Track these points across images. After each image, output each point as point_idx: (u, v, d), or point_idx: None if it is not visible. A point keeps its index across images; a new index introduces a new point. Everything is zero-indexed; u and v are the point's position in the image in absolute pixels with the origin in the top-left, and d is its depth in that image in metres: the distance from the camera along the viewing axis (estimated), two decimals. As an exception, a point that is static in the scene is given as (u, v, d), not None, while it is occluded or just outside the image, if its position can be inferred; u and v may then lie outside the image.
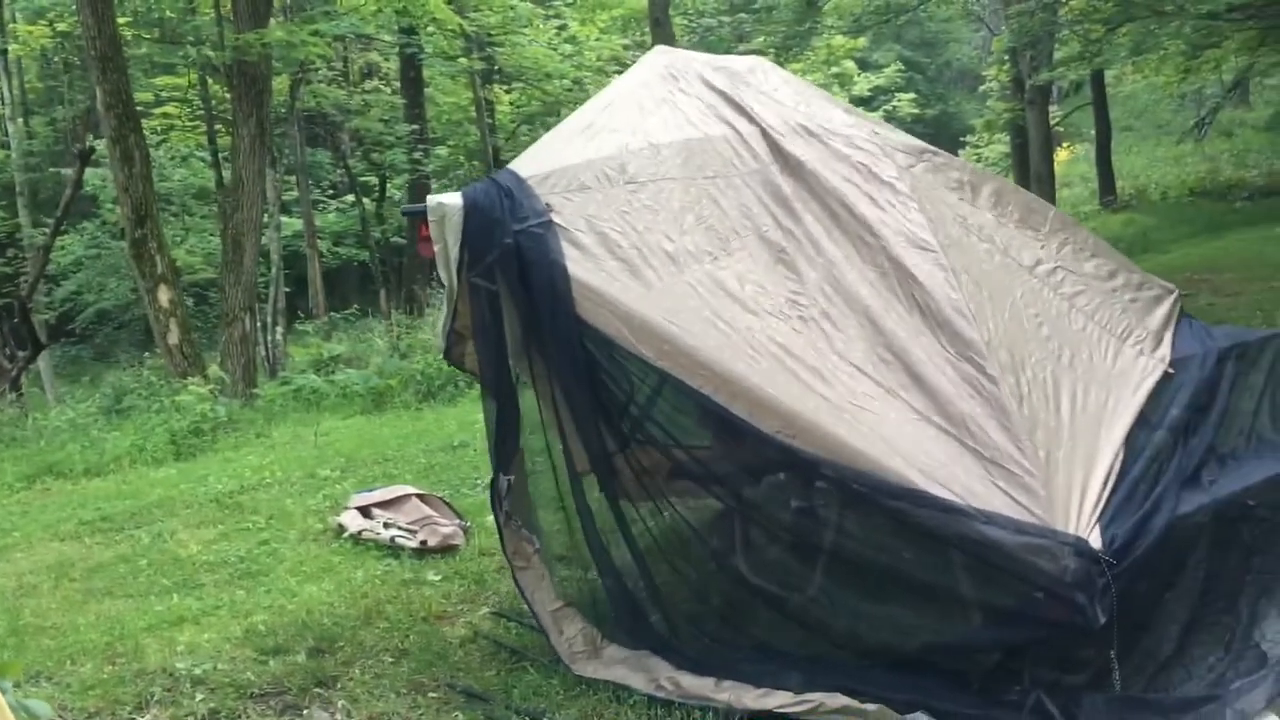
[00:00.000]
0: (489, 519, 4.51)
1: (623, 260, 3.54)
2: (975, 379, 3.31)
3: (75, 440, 9.69)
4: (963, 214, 4.14)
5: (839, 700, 3.28)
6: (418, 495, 5.90)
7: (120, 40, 13.03)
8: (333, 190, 26.29)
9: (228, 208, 14.27)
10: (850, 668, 3.44)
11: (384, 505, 5.82)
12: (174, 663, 4.19)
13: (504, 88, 23.95)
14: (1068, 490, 3.20)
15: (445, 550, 5.32)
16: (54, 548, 6.09)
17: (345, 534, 5.69)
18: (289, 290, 21.14)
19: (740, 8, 26.01)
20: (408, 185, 22.97)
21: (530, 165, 3.79)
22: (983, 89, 26.61)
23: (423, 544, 5.35)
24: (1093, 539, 3.06)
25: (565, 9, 23.70)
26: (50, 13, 20.16)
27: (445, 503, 5.92)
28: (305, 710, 3.82)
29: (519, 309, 3.62)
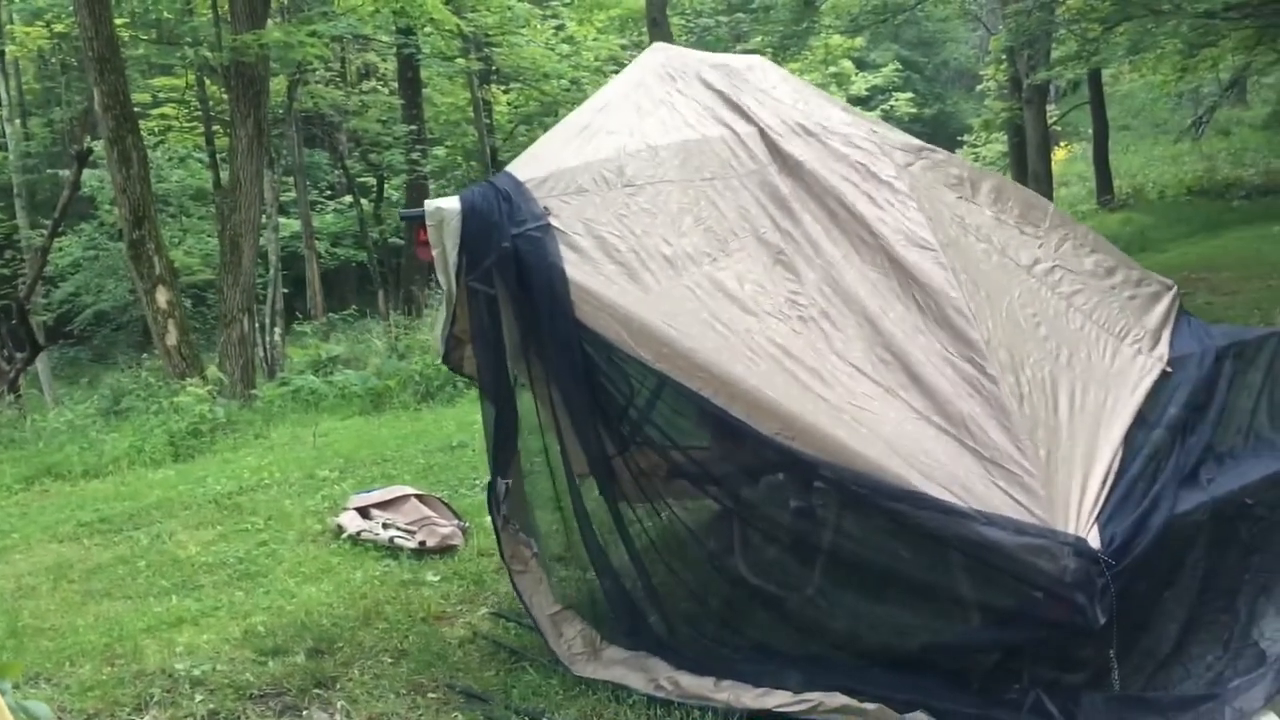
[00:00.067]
0: (488, 519, 4.51)
1: (621, 264, 3.54)
2: (975, 378, 3.31)
3: (74, 442, 9.68)
4: (961, 213, 4.14)
5: (838, 700, 3.28)
6: (416, 496, 5.89)
7: (118, 41, 13.04)
8: (330, 191, 26.30)
9: (225, 209, 14.27)
10: (849, 667, 3.44)
11: (383, 506, 5.82)
12: (173, 664, 4.19)
13: (501, 88, 23.97)
14: (1067, 490, 3.20)
15: (444, 551, 5.32)
16: (52, 549, 6.08)
17: (344, 535, 5.68)
18: (287, 291, 21.13)
19: (738, 7, 26.04)
20: (405, 186, 22.98)
21: (528, 168, 3.78)
22: (980, 88, 26.65)
23: (421, 544, 5.35)
24: (1092, 538, 3.06)
25: (563, 9, 23.70)
26: (47, 14, 20.16)
27: (444, 503, 5.91)
28: (304, 711, 3.82)
29: (517, 313, 3.62)
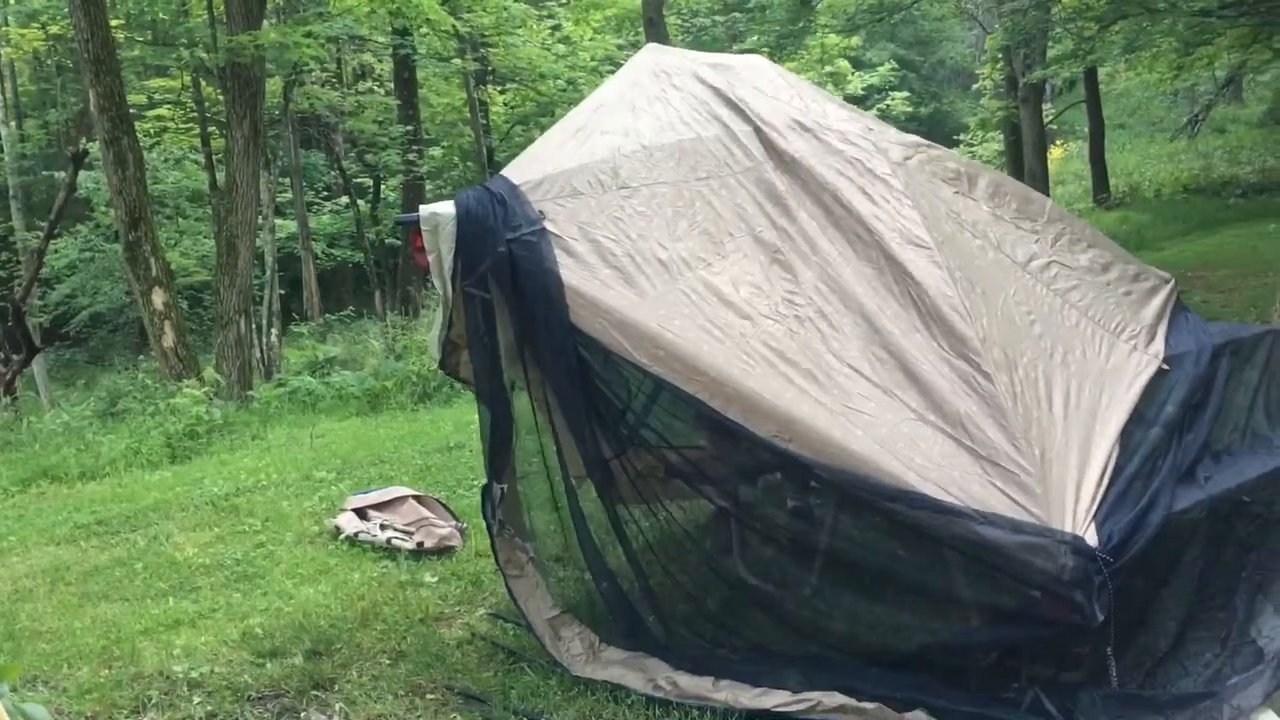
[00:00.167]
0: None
1: (616, 268, 3.54)
2: (971, 376, 3.31)
3: (70, 444, 9.67)
4: (957, 209, 4.13)
5: (837, 699, 3.28)
6: (414, 497, 5.89)
7: (113, 43, 13.02)
8: (327, 192, 26.31)
9: (222, 210, 14.26)
10: (848, 666, 3.44)
11: (380, 507, 5.81)
12: (171, 666, 4.19)
13: (498, 88, 23.94)
14: (1063, 488, 3.20)
15: (442, 552, 5.32)
16: (49, 552, 6.07)
17: (341, 536, 5.68)
18: (284, 292, 21.12)
19: (734, 7, 26.05)
20: (402, 186, 22.99)
21: (523, 171, 3.77)
22: (976, 87, 26.71)
23: (419, 545, 5.34)
24: (1089, 536, 3.06)
25: (559, 9, 23.67)
26: (43, 15, 20.15)
27: (441, 504, 5.91)
28: (302, 713, 3.81)
29: (513, 317, 3.61)
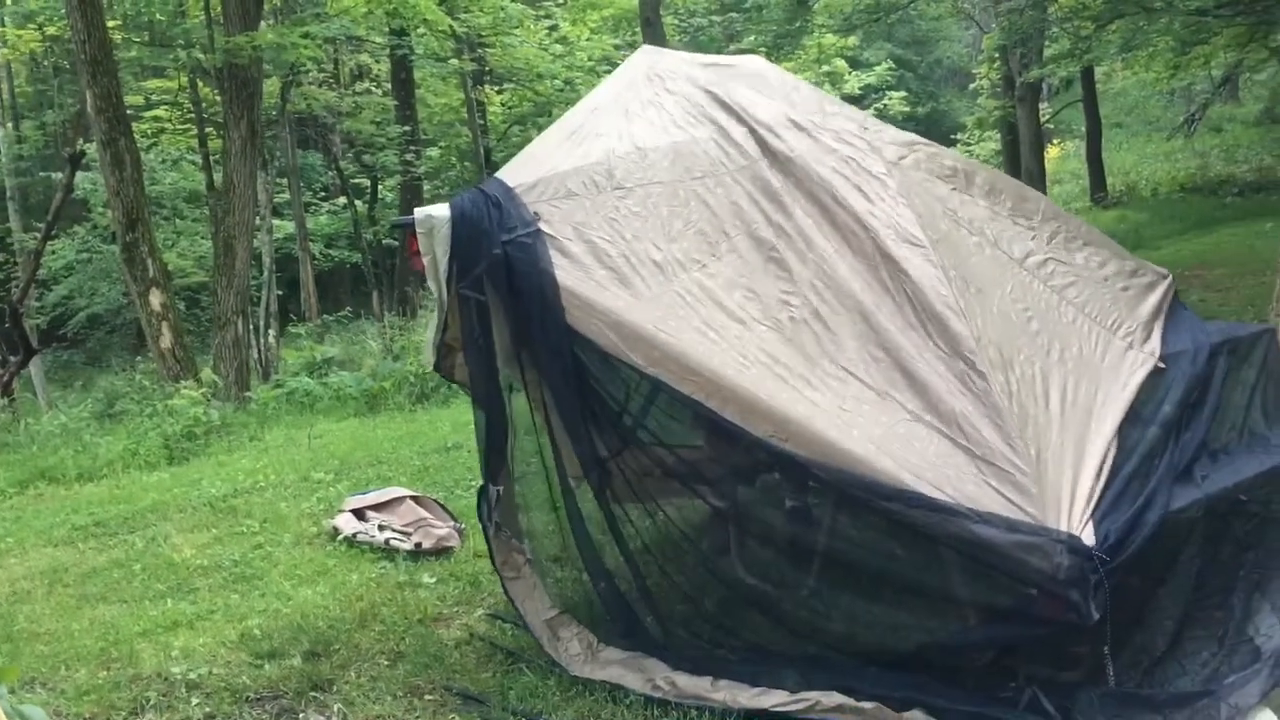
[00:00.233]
0: (483, 521, 4.51)
1: (611, 269, 3.53)
2: (966, 375, 3.31)
3: (68, 445, 9.66)
4: (953, 206, 4.12)
5: (835, 699, 3.29)
6: (412, 497, 5.89)
7: (110, 44, 13.00)
8: (324, 193, 26.28)
9: (219, 211, 14.26)
10: (846, 666, 3.44)
11: (378, 508, 5.81)
12: (169, 667, 4.18)
13: (495, 89, 23.95)
14: (1058, 487, 3.20)
15: (440, 552, 5.32)
16: (47, 553, 6.07)
17: (339, 537, 5.67)
18: (281, 293, 21.12)
19: (731, 7, 26.06)
20: (399, 187, 22.97)
21: (518, 174, 3.77)
22: (973, 86, 26.72)
23: (417, 546, 5.34)
24: (1086, 535, 3.06)
25: (556, 9, 23.67)
26: (40, 16, 20.11)
27: (440, 505, 5.91)
28: (301, 714, 3.81)
29: (509, 318, 3.61)
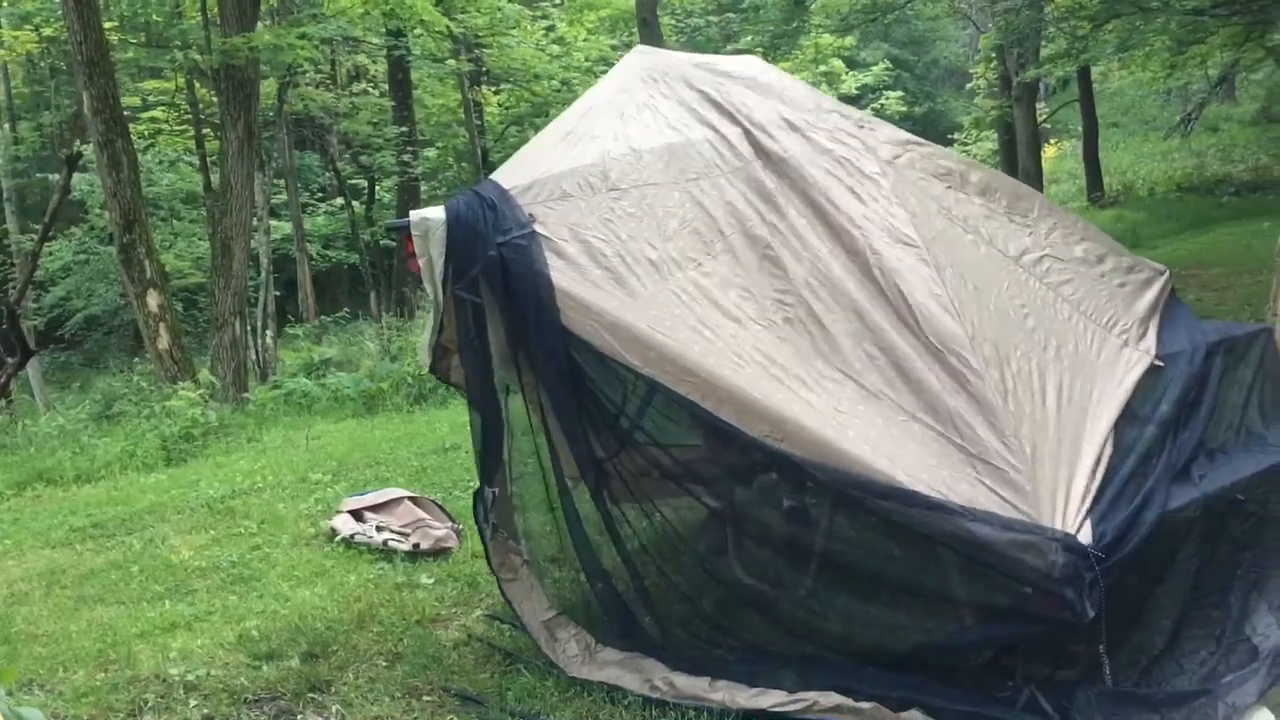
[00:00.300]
0: (481, 521, 4.51)
1: (607, 269, 3.53)
2: (960, 374, 3.31)
3: (65, 447, 9.65)
4: (948, 204, 4.13)
5: (833, 699, 3.29)
6: (410, 498, 5.89)
7: (107, 45, 12.99)
8: (322, 193, 26.26)
9: (216, 212, 14.25)
10: (844, 666, 3.45)
11: (376, 509, 5.81)
12: (167, 669, 4.18)
13: (492, 89, 23.94)
14: (1053, 485, 3.21)
15: (438, 553, 5.32)
16: (45, 555, 6.06)
17: (337, 538, 5.67)
18: (279, 294, 21.12)
19: (728, 7, 26.04)
20: (397, 187, 22.96)
21: (513, 175, 3.77)
22: (970, 86, 26.73)
23: (415, 547, 5.34)
24: (1082, 534, 3.07)
25: (553, 10, 23.68)
26: (36, 18, 20.08)
27: (437, 505, 5.91)
28: (299, 715, 3.81)
29: (505, 320, 3.61)
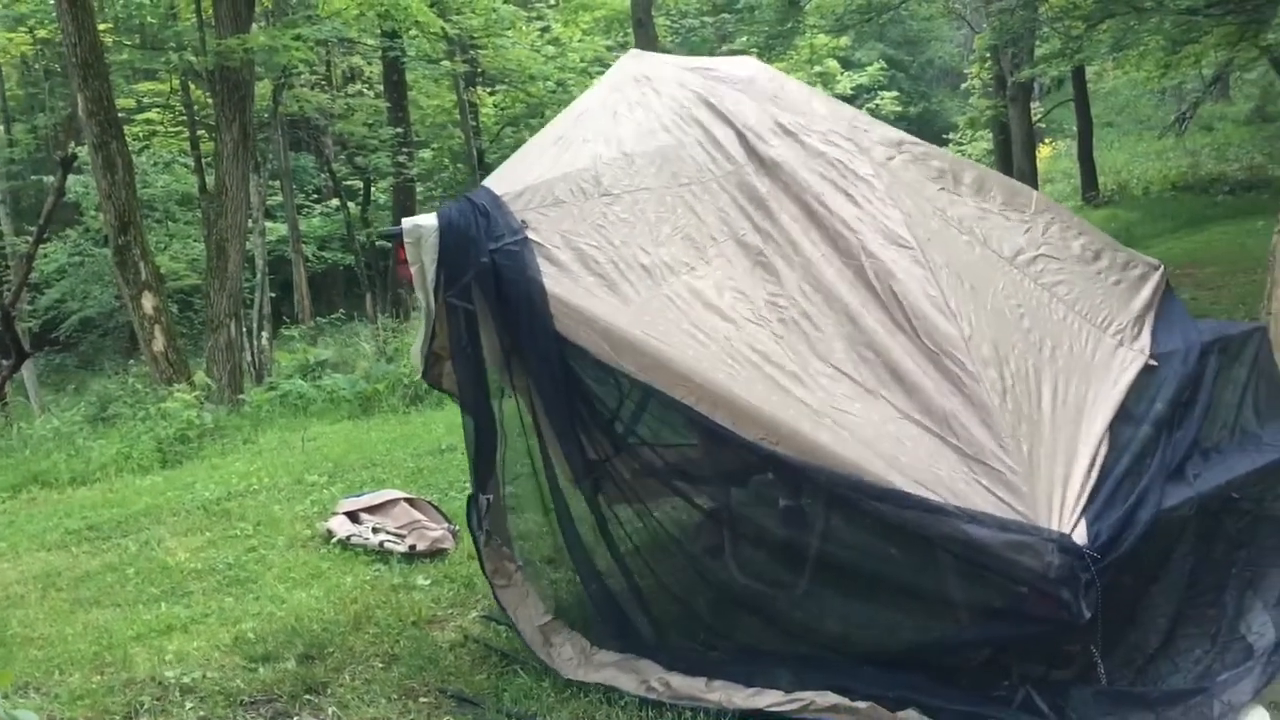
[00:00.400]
0: (477, 523, 4.51)
1: (600, 275, 3.53)
2: (956, 375, 3.31)
3: (61, 449, 9.63)
4: (942, 205, 4.12)
5: (830, 699, 3.29)
6: (406, 499, 5.88)
7: (101, 46, 12.97)
8: (317, 195, 26.24)
9: (211, 213, 14.23)
10: (840, 666, 3.45)
11: (372, 510, 5.81)
12: (163, 671, 4.17)
13: (487, 90, 23.95)
14: (1049, 485, 3.21)
15: (434, 554, 5.32)
16: (40, 557, 6.05)
17: (333, 539, 5.67)
18: (274, 295, 21.08)
19: (723, 8, 26.04)
20: (392, 188, 22.94)
21: (505, 182, 3.77)
22: (965, 86, 26.72)
23: (411, 548, 5.34)
24: (1078, 534, 3.07)
25: (548, 11, 23.69)
26: (30, 19, 20.07)
27: (434, 506, 5.90)
28: (295, 717, 3.81)
29: (498, 327, 3.60)
